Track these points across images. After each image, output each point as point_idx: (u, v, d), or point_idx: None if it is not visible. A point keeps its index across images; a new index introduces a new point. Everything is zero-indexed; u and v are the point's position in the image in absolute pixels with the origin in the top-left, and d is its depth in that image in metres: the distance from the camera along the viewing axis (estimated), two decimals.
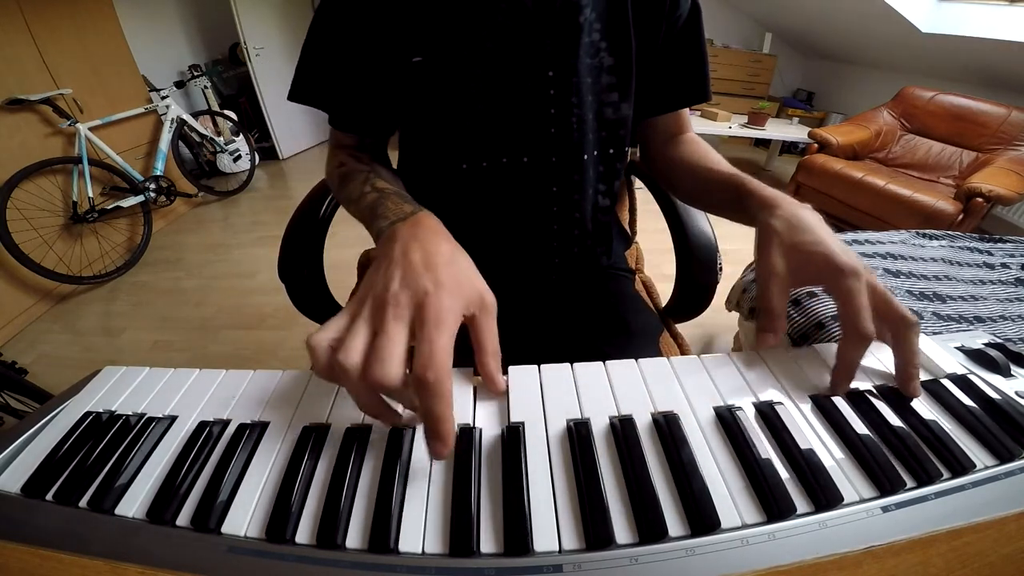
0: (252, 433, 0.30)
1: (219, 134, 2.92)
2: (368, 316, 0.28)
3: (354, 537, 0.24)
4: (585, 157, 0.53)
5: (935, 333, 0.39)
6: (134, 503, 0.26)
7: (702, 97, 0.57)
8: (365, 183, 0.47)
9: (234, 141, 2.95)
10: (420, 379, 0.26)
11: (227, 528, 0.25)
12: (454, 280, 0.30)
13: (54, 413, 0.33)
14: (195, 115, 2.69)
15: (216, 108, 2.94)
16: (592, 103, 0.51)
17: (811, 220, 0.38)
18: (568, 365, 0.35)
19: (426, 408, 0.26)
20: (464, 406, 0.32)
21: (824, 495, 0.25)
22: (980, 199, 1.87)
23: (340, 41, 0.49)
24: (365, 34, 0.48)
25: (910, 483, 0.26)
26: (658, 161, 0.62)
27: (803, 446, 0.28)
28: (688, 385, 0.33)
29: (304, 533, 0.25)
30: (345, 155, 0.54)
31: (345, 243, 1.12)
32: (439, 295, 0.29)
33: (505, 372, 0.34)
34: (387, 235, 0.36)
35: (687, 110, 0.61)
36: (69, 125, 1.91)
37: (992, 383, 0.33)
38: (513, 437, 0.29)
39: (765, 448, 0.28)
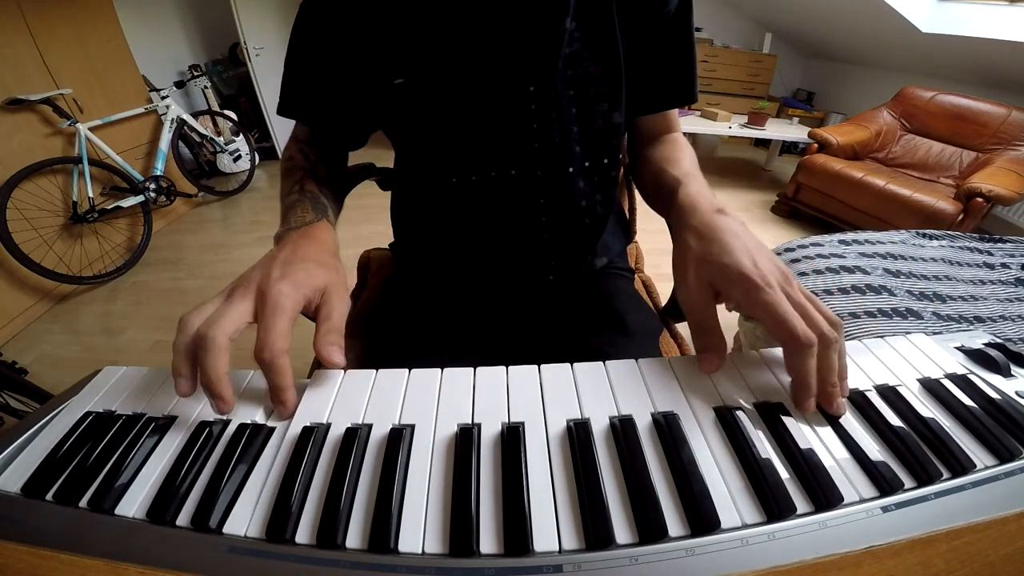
0: (252, 433, 0.30)
1: (219, 134, 2.92)
2: (225, 294, 0.34)
3: (354, 537, 0.24)
4: (571, 170, 0.52)
5: (935, 333, 0.39)
6: (134, 503, 0.26)
7: (688, 98, 0.55)
8: (296, 182, 0.49)
9: (234, 141, 2.95)
10: (259, 359, 0.31)
11: (227, 528, 0.25)
12: (302, 272, 0.35)
13: (54, 413, 0.33)
14: (195, 115, 2.69)
15: (216, 108, 2.93)
16: (577, 115, 0.50)
17: (723, 227, 0.37)
18: (568, 365, 0.35)
19: (268, 380, 0.31)
20: (463, 404, 0.32)
21: (824, 495, 0.25)
22: (980, 199, 1.87)
23: (320, 62, 0.49)
24: (345, 56, 0.48)
25: (910, 483, 0.26)
26: (634, 161, 0.61)
27: (803, 446, 0.28)
28: (688, 385, 0.33)
29: (304, 533, 0.25)
30: (295, 149, 0.55)
31: (344, 243, 1.09)
32: (280, 283, 0.34)
33: (507, 366, 0.34)
34: (278, 240, 0.42)
35: (675, 110, 0.58)
36: (69, 125, 1.90)
37: (992, 383, 0.33)
38: (513, 437, 0.28)
39: (765, 448, 0.28)
